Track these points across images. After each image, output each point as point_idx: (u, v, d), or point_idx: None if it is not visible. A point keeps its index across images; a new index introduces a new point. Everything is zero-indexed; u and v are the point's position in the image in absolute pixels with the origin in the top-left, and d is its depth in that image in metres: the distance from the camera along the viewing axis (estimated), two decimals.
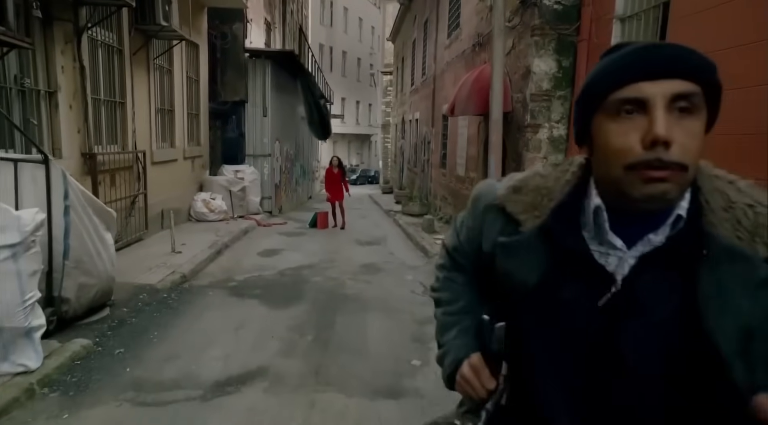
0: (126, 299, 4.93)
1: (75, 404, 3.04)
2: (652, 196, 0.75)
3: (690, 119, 0.75)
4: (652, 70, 0.74)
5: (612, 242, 0.81)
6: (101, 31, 6.66)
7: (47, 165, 3.81)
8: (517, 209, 0.90)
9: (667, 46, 0.77)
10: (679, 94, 0.74)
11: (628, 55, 0.77)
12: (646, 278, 0.79)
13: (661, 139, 0.72)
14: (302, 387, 3.38)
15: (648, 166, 0.74)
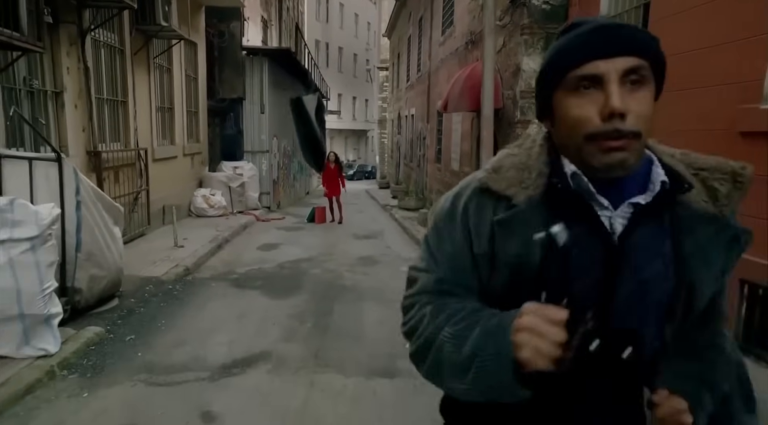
0: (133, 291, 5.16)
1: (93, 384, 3.28)
2: (610, 165, 0.81)
3: (641, 91, 0.81)
4: (606, 49, 0.80)
5: (600, 201, 0.86)
6: (104, 32, 6.86)
7: (60, 163, 4.03)
8: (502, 186, 0.90)
9: (615, 26, 0.83)
10: (630, 68, 0.80)
11: (583, 35, 0.83)
12: (636, 237, 0.86)
13: (617, 111, 0.78)
14: (303, 369, 3.62)
15: (607, 136, 0.80)
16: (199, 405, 3.08)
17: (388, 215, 13.29)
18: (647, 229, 0.87)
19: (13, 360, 3.32)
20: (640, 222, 0.86)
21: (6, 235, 3.28)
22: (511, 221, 0.88)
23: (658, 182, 0.86)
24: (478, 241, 0.91)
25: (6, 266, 3.26)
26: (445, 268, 0.94)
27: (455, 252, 0.93)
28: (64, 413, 2.93)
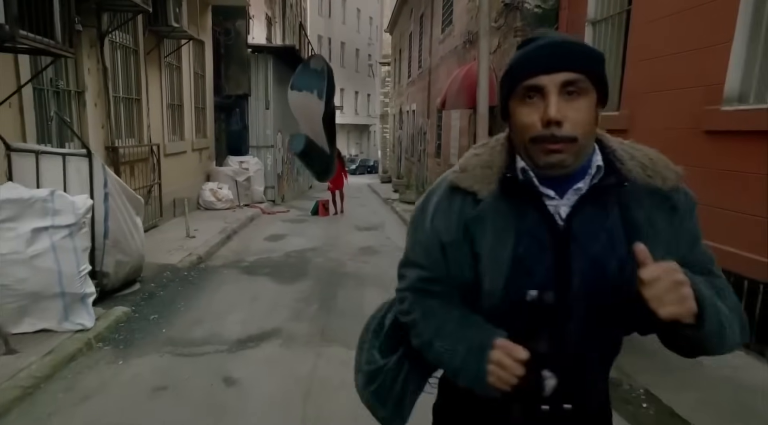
0: (152, 276, 5.59)
1: (125, 354, 3.71)
2: (550, 164, 0.95)
3: (579, 100, 0.93)
4: (547, 65, 0.92)
5: (545, 192, 0.99)
6: (119, 34, 7.25)
7: (90, 158, 4.45)
8: (469, 183, 1.03)
9: (559, 44, 0.94)
10: (567, 81, 0.92)
11: (532, 51, 0.95)
12: (580, 220, 0.97)
13: (553, 119, 0.91)
14: (310, 343, 4.05)
15: (545, 140, 0.93)
16: (220, 371, 3.51)
17: (389, 208, 13.69)
18: (591, 210, 0.98)
19: (56, 332, 3.75)
20: (585, 205, 0.98)
21: (49, 222, 3.70)
22: (482, 217, 1.01)
23: (595, 167, 0.98)
24: (447, 231, 1.03)
25: (50, 249, 3.68)
26: (422, 256, 1.09)
27: (427, 240, 1.07)
28: (104, 376, 3.36)
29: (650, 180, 0.99)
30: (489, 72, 7.25)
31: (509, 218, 0.99)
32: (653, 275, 0.83)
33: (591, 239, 0.97)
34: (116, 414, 2.93)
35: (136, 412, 2.96)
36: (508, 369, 0.93)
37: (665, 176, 1.00)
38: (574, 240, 0.97)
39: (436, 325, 1.05)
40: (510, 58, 1.00)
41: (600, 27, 6.03)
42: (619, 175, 0.98)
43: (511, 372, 0.93)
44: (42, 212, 3.70)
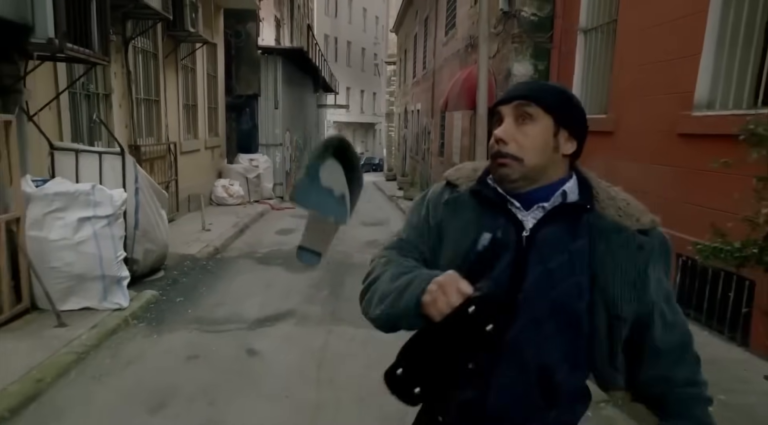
0: (174, 265, 6.07)
1: (158, 330, 4.20)
2: (499, 175, 1.08)
3: (528, 126, 1.05)
4: (506, 97, 1.10)
5: (510, 200, 1.09)
6: (141, 39, 7.74)
7: (123, 156, 4.93)
8: (455, 178, 1.18)
9: (522, 83, 1.16)
10: (517, 109, 1.06)
11: (506, 91, 1.14)
12: (544, 232, 1.06)
13: (497, 137, 1.07)
14: (322, 323, 4.52)
15: (494, 155, 1.07)
16: (243, 345, 3.99)
17: (393, 205, 14.14)
18: (556, 229, 1.06)
19: (96, 310, 4.23)
20: (550, 222, 1.06)
21: (91, 213, 4.18)
22: (455, 202, 1.14)
23: (562, 191, 1.08)
24: (434, 216, 1.16)
25: (92, 237, 4.16)
26: (409, 231, 1.20)
27: (419, 222, 1.19)
28: (142, 347, 3.85)
29: (620, 219, 1.07)
30: (488, 76, 7.70)
31: (478, 213, 1.10)
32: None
33: (551, 253, 1.05)
34: (157, 376, 3.41)
35: (174, 375, 3.44)
36: (447, 294, 0.93)
37: (637, 217, 1.08)
38: (535, 249, 1.05)
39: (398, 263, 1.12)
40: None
41: (591, 35, 6.46)
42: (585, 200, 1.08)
43: (448, 297, 0.93)
44: (85, 204, 4.19)
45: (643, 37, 5.14)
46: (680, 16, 4.53)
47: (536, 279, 1.04)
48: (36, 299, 4.10)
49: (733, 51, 4.08)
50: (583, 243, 1.06)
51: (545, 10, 7.20)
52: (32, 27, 3.97)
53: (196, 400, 3.11)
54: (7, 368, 3.17)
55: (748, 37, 3.97)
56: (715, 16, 4.16)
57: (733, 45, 4.08)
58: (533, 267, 1.04)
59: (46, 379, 3.13)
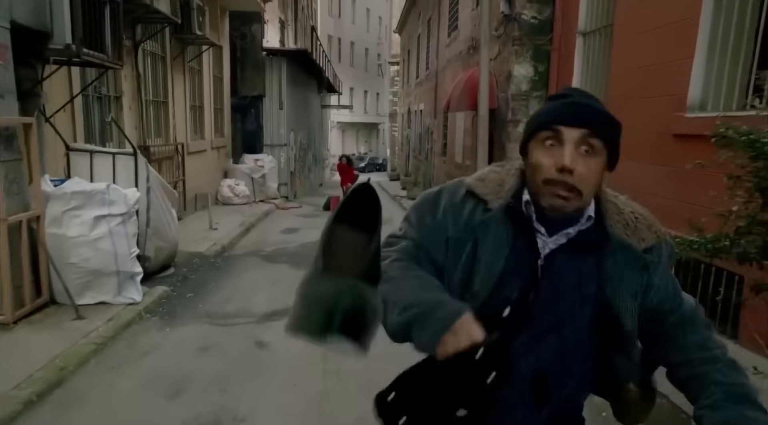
0: (183, 262, 6.25)
1: (171, 324, 4.37)
2: (553, 207, 1.03)
3: (590, 159, 1.01)
4: (571, 120, 1.01)
5: (537, 228, 1.08)
6: (150, 42, 7.92)
7: (135, 157, 5.11)
8: (483, 191, 1.13)
9: (584, 105, 1.04)
10: (583, 138, 1.00)
11: (560, 106, 1.05)
12: (559, 258, 1.07)
13: (566, 167, 0.99)
14: None
15: (555, 183, 1.00)
16: (252, 337, 4.16)
17: (397, 204, 14.30)
18: (571, 254, 1.07)
19: (111, 305, 4.41)
20: (568, 249, 1.07)
21: (106, 211, 4.36)
22: (488, 224, 1.10)
23: (587, 216, 1.08)
24: (454, 227, 1.12)
25: (107, 234, 4.34)
26: (422, 235, 1.14)
27: (434, 227, 1.14)
28: (156, 339, 4.03)
29: (627, 239, 1.08)
30: (489, 77, 7.86)
31: (509, 232, 1.08)
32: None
33: (562, 276, 1.07)
34: (171, 366, 3.58)
35: (187, 365, 3.61)
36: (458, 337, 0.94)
37: (643, 236, 1.09)
38: (548, 274, 1.07)
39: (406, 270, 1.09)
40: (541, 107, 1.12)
41: (589, 38, 6.60)
42: (604, 232, 1.08)
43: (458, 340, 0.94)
44: (101, 203, 4.37)
45: (638, 40, 5.29)
46: (673, 21, 4.67)
47: (545, 299, 1.07)
48: (54, 293, 4.29)
49: (724, 55, 4.22)
50: (591, 260, 1.08)
51: (545, 13, 7.35)
52: (51, 33, 4.15)
53: (209, 388, 3.28)
54: (32, 357, 3.35)
55: (738, 42, 4.12)
56: (706, 22, 4.31)
57: (724, 49, 4.22)
58: (544, 290, 1.07)
59: (69, 367, 3.31)
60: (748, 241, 2.01)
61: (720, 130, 2.26)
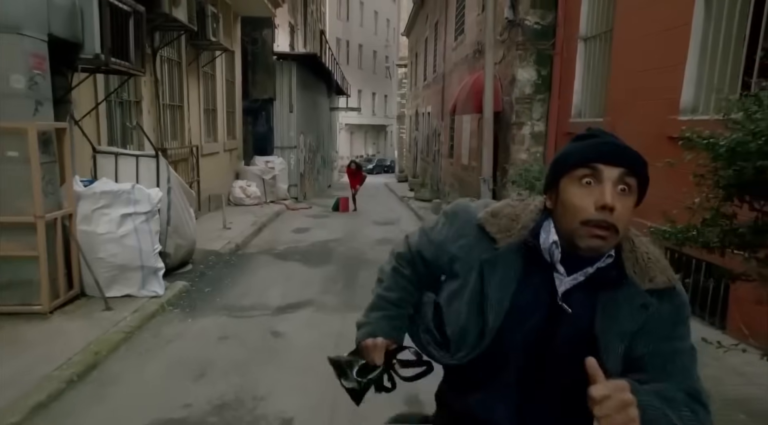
0: (200, 260, 6.55)
1: (192, 315, 4.66)
2: (592, 248, 1.01)
3: (626, 198, 1.01)
4: (610, 158, 1.01)
5: (558, 269, 1.08)
6: (167, 49, 8.25)
7: (157, 159, 5.41)
8: (494, 230, 1.13)
9: (619, 145, 1.04)
10: (622, 178, 1.00)
11: (596, 144, 1.04)
12: (577, 297, 1.07)
13: (608, 205, 0.98)
14: (338, 310, 4.95)
15: (596, 224, 0.99)
16: (268, 328, 4.44)
17: (405, 205, 14.57)
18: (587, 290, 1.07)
19: (136, 298, 4.71)
20: (584, 287, 1.07)
21: (132, 209, 4.66)
22: (495, 262, 1.11)
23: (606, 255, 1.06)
24: (458, 251, 1.16)
25: (133, 231, 4.64)
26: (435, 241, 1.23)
27: (446, 237, 1.21)
28: (179, 329, 4.32)
29: (633, 275, 1.07)
30: (494, 81, 8.11)
31: (516, 269, 1.10)
32: (603, 393, 0.86)
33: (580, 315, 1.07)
34: (194, 352, 3.87)
35: (209, 352, 3.89)
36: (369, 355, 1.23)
37: (651, 276, 1.07)
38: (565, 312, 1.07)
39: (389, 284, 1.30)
40: (567, 145, 1.11)
41: (590, 43, 6.84)
42: (621, 270, 1.07)
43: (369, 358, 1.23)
44: (126, 202, 4.67)
45: (636, 46, 5.52)
46: (667, 28, 4.91)
47: (565, 340, 1.07)
48: (84, 286, 4.59)
49: (714, 60, 4.45)
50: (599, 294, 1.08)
51: (548, 18, 7.59)
52: (82, 44, 4.46)
53: (230, 372, 3.55)
54: (69, 343, 3.64)
55: (726, 48, 4.34)
56: (697, 29, 4.54)
57: (714, 55, 4.45)
58: (564, 328, 1.07)
59: (102, 352, 3.60)
60: (710, 231, 2.26)
61: (685, 134, 2.51)
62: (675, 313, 1.08)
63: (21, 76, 3.78)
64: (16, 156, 3.86)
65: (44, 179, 4.01)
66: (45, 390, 2.99)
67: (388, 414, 1.40)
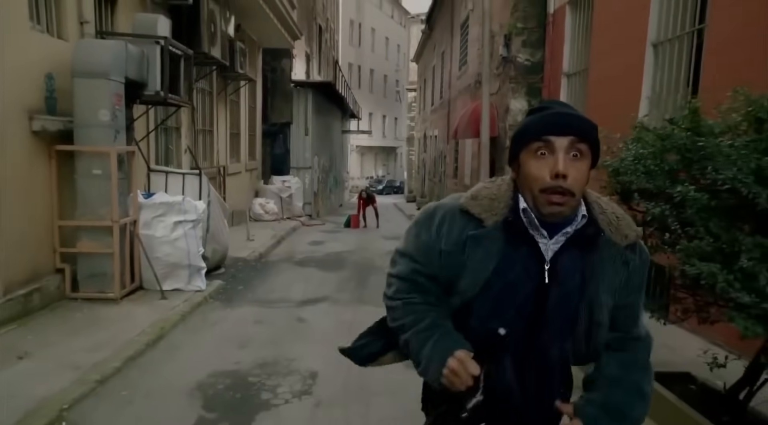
0: (230, 265, 7.52)
1: (230, 306, 5.62)
2: (552, 213, 1.15)
3: (579, 163, 1.13)
4: (559, 129, 1.13)
5: (541, 231, 1.19)
6: (201, 80, 9.37)
7: (200, 176, 6.44)
8: (477, 211, 1.22)
9: (568, 115, 1.16)
10: (572, 144, 1.12)
11: (547, 116, 1.16)
12: (563, 258, 1.19)
13: (561, 173, 1.10)
14: (351, 304, 5.89)
15: (553, 191, 1.12)
16: (293, 315, 5.38)
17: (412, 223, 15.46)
18: (572, 252, 1.19)
19: (183, 291, 5.67)
20: (569, 247, 1.19)
21: (182, 218, 5.66)
22: (480, 237, 1.21)
23: (581, 216, 1.19)
24: (447, 241, 1.24)
25: (183, 236, 5.63)
26: (419, 253, 1.29)
27: (428, 242, 1.27)
28: (221, 315, 5.27)
29: (612, 235, 1.19)
30: (491, 109, 9.11)
31: (500, 246, 1.19)
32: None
33: (568, 276, 1.18)
34: (236, 331, 4.81)
35: (248, 331, 4.83)
36: (461, 378, 1.15)
37: (625, 233, 1.20)
38: (555, 276, 1.18)
39: (415, 317, 1.26)
40: (524, 120, 1.21)
41: (572, 78, 7.84)
42: (597, 226, 1.19)
43: (462, 381, 1.15)
44: (178, 211, 5.67)
45: (604, 83, 6.50)
46: (627, 70, 5.89)
47: (557, 301, 1.19)
48: (142, 280, 5.57)
49: (660, 98, 5.41)
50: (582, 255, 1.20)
51: (537, 56, 8.62)
52: (146, 83, 5.52)
53: (266, 344, 4.48)
54: (139, 321, 4.61)
55: (675, 87, 5.29)
56: (648, 72, 5.52)
57: (662, 94, 5.41)
58: (554, 291, 1.18)
59: (166, 328, 4.55)
60: None
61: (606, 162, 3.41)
62: (643, 267, 1.25)
63: (107, 111, 4.82)
64: (99, 173, 4.88)
65: (119, 191, 5.02)
66: (132, 348, 3.95)
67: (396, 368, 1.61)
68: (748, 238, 1.90)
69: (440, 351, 1.20)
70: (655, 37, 5.47)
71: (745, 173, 1.92)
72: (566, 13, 7.81)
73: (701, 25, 4.75)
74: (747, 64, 4.00)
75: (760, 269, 1.80)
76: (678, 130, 2.49)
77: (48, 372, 3.45)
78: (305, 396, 3.51)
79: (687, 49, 5.02)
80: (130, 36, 5.57)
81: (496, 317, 1.21)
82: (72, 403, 3.11)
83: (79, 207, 4.96)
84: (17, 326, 4.25)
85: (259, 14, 10.49)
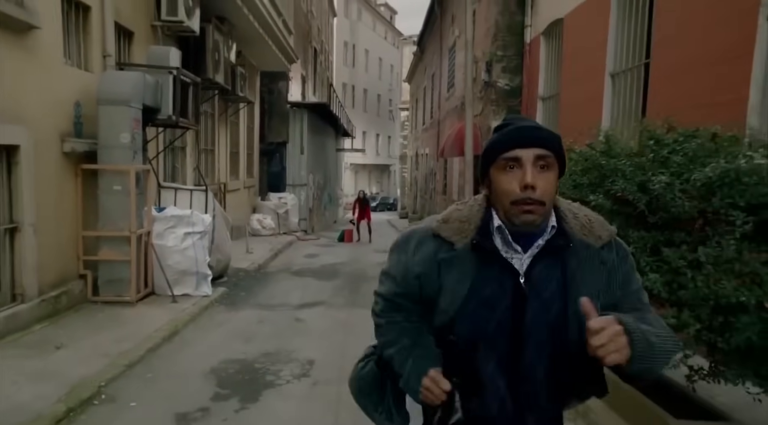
0: (232, 274, 8.10)
1: (234, 309, 6.19)
2: (525, 222, 1.18)
3: (546, 173, 1.17)
4: (524, 142, 1.17)
5: (514, 247, 1.22)
6: (204, 103, 10.03)
7: (206, 192, 7.06)
8: (448, 234, 1.26)
9: (532, 128, 1.21)
10: (539, 156, 1.16)
11: (511, 131, 1.20)
12: (537, 270, 1.22)
13: (529, 184, 1.15)
14: (345, 307, 6.47)
15: (522, 202, 1.16)
16: (292, 316, 5.95)
17: None
18: (547, 261, 1.23)
19: (192, 296, 6.24)
20: (542, 258, 1.22)
21: (191, 229, 6.26)
22: (452, 260, 1.25)
23: (551, 227, 1.23)
24: (422, 265, 1.29)
25: (191, 245, 6.23)
26: (399, 276, 1.35)
27: (407, 265, 1.32)
28: (227, 316, 5.84)
29: (585, 238, 1.24)
30: (474, 129, 9.80)
31: (473, 266, 1.23)
32: (598, 325, 1.04)
33: (544, 285, 1.22)
34: (242, 329, 5.39)
35: (252, 328, 5.41)
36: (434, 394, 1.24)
37: (599, 235, 1.25)
38: (531, 286, 1.22)
39: (397, 336, 1.34)
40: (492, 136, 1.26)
41: (547, 102, 8.56)
42: (566, 236, 1.23)
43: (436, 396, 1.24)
44: (188, 223, 6.27)
45: (573, 107, 7.20)
46: (589, 97, 6.59)
47: (535, 311, 1.21)
48: (154, 286, 6.14)
49: (620, 124, 6.09)
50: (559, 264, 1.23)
51: (515, 81, 9.35)
52: (160, 109, 6.16)
53: (269, 339, 5.06)
54: (154, 320, 5.19)
55: (629, 113, 5.99)
56: (608, 99, 6.22)
57: (619, 119, 6.10)
58: (531, 302, 1.21)
59: (178, 326, 5.13)
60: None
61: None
62: (624, 262, 1.28)
63: (127, 134, 5.45)
64: (119, 189, 5.49)
65: (136, 205, 5.62)
66: (151, 341, 4.53)
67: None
68: (635, 233, 2.53)
69: (417, 369, 1.28)
70: (612, 68, 6.18)
71: (632, 184, 2.57)
72: (541, 43, 8.56)
73: (647, 60, 5.46)
74: (683, 95, 4.69)
75: (641, 256, 2.43)
76: (595, 153, 3.12)
77: (83, 358, 4.02)
78: (304, 377, 4.09)
79: (637, 80, 5.72)
80: (146, 67, 6.22)
81: (476, 333, 1.23)
82: (107, 381, 3.69)
83: (100, 219, 5.56)
84: (49, 323, 4.82)
85: (259, 41, 11.22)
